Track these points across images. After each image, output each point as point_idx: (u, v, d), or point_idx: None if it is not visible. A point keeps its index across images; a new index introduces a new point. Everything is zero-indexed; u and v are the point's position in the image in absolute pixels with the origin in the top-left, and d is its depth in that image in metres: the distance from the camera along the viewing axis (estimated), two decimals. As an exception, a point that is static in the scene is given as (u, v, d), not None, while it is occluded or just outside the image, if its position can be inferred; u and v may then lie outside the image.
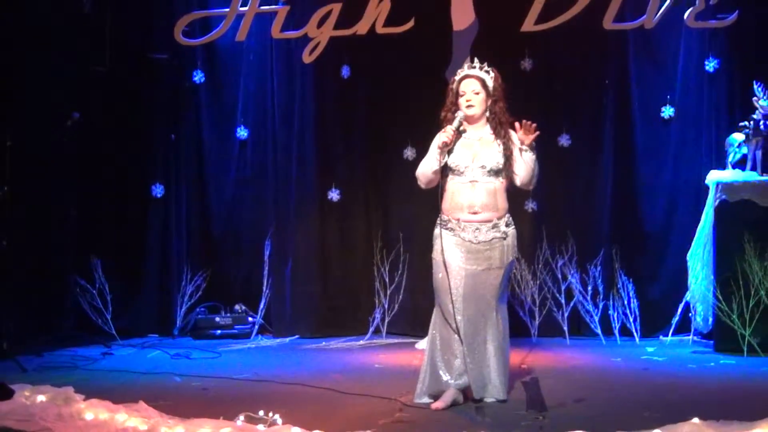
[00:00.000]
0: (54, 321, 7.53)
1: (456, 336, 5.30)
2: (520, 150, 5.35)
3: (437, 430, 4.47)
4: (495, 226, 5.37)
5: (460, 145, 5.42)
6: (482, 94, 5.43)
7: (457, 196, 5.39)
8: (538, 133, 5.34)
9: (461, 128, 5.43)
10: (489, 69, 5.49)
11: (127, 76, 7.86)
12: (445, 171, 5.41)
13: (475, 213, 5.36)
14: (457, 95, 5.46)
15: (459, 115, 5.42)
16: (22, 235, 7.13)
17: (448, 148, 5.37)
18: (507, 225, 5.42)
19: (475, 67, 5.49)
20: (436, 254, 5.42)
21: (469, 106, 5.42)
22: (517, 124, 5.32)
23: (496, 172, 5.38)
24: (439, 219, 5.43)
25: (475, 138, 5.45)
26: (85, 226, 7.73)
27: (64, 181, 7.62)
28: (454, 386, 5.32)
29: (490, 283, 5.37)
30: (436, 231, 5.43)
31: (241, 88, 8.05)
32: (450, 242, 5.38)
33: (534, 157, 5.35)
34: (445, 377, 5.33)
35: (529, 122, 5.29)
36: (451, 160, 5.38)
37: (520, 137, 5.32)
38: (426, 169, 5.44)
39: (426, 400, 5.37)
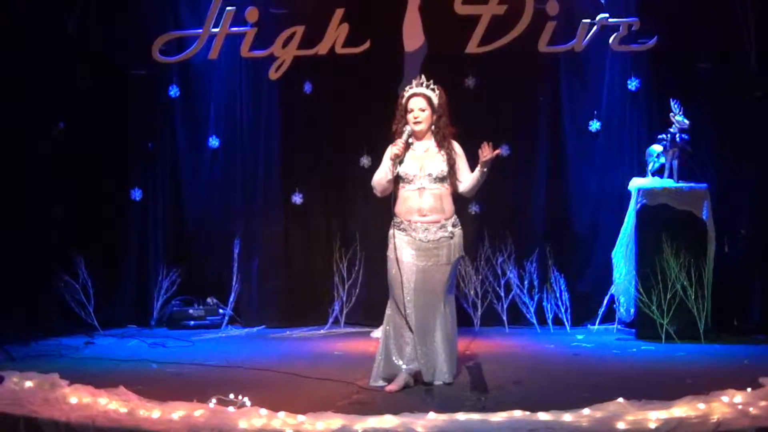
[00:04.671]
0: (41, 313, 7.40)
1: (407, 325, 5.31)
2: (480, 166, 5.35)
3: (390, 411, 4.45)
4: (443, 226, 5.42)
5: (409, 157, 5.47)
6: (428, 111, 5.48)
7: (408, 201, 5.44)
8: (498, 151, 5.39)
9: (410, 141, 5.47)
10: (434, 87, 5.53)
11: (108, 90, 7.75)
12: (396, 179, 5.46)
13: (424, 216, 5.41)
14: (406, 111, 5.50)
15: (407, 129, 5.46)
16: (11, 234, 7.02)
17: (399, 160, 5.42)
18: (453, 225, 5.47)
19: (421, 85, 5.52)
20: (390, 252, 5.45)
21: (416, 123, 5.46)
22: (484, 144, 5.33)
23: (441, 179, 5.44)
24: (392, 221, 5.48)
25: (422, 149, 5.50)
26: (70, 226, 7.65)
27: (51, 185, 7.52)
28: (406, 371, 5.34)
29: (439, 278, 5.40)
30: (391, 231, 5.48)
31: (212, 102, 7.97)
32: (402, 241, 5.41)
33: (485, 175, 5.39)
34: (398, 362, 5.36)
35: (489, 144, 5.32)
36: (402, 170, 5.43)
37: (481, 156, 5.32)
38: (381, 179, 5.50)
39: (381, 383, 5.39)
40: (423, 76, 5.58)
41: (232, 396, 4.74)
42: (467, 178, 5.48)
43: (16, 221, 7.15)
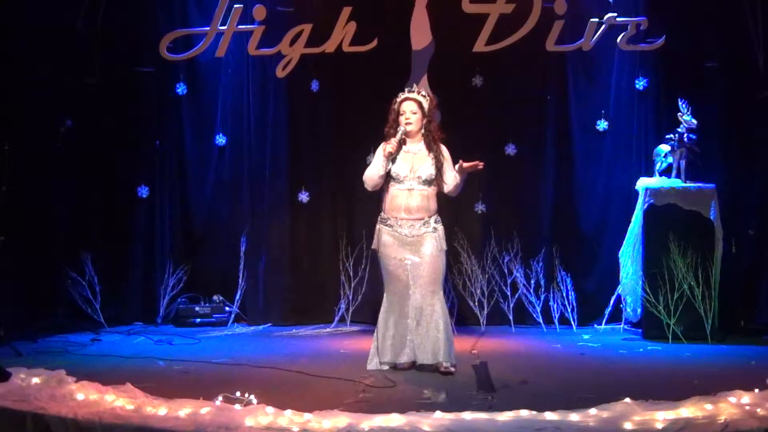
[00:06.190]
0: (48, 310, 7.42)
1: (400, 313, 5.74)
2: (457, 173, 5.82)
3: (396, 409, 4.46)
4: (426, 223, 5.81)
5: (401, 159, 5.84)
6: (419, 114, 5.87)
7: (397, 199, 5.83)
8: (479, 166, 5.80)
9: (402, 139, 5.83)
10: (425, 93, 5.94)
11: (115, 88, 7.75)
12: (387, 177, 5.83)
13: (410, 214, 5.80)
14: (398, 114, 5.89)
15: (401, 129, 5.84)
16: (18, 231, 7.03)
17: (392, 157, 5.78)
18: (436, 222, 5.87)
19: (413, 91, 5.94)
20: (381, 247, 5.84)
21: (408, 123, 5.84)
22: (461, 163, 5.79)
23: (429, 182, 5.82)
24: (379, 216, 5.88)
25: (413, 151, 5.88)
26: (77, 223, 7.65)
27: (58, 182, 7.52)
28: (401, 356, 5.78)
29: (427, 269, 5.75)
30: (377, 227, 5.88)
31: (219, 99, 7.97)
32: (388, 236, 5.80)
33: (463, 180, 5.84)
34: (392, 349, 5.81)
35: (478, 162, 5.78)
36: (393, 170, 5.81)
37: (462, 167, 5.76)
38: (373, 175, 5.86)
39: (376, 366, 5.79)
40: (414, 85, 6.06)
41: (238, 394, 4.76)
42: (451, 181, 5.86)
43: (24, 219, 7.16)
